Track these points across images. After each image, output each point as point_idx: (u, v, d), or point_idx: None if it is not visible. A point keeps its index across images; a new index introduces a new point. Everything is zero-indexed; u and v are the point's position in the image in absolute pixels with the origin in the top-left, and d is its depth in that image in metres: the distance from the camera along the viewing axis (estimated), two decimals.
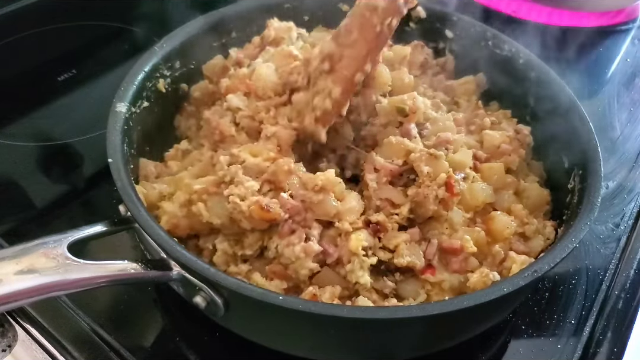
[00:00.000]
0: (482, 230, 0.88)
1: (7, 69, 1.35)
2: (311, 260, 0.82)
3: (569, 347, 0.91)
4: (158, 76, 1.02)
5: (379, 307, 0.80)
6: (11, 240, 0.98)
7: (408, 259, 0.84)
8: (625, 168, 1.23)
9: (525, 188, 0.96)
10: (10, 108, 1.25)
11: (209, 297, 0.75)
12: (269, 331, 0.82)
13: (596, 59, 1.54)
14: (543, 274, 0.75)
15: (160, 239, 0.75)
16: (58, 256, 0.68)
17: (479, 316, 0.83)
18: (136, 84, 0.96)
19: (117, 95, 0.93)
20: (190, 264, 0.73)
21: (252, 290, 0.71)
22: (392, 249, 0.85)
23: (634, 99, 1.42)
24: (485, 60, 1.13)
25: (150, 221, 0.77)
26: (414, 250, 0.85)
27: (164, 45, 1.04)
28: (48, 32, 1.44)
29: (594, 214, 0.83)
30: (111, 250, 0.96)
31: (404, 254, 0.84)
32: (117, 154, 0.85)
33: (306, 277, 0.83)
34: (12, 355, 0.85)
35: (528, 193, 0.95)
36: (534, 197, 0.95)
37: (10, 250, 0.67)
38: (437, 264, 0.86)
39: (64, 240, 0.70)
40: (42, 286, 0.65)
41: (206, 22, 1.10)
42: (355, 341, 0.80)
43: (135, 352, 0.85)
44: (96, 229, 0.77)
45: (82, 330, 0.87)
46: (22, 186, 1.10)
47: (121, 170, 0.82)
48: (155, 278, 0.77)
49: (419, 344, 0.84)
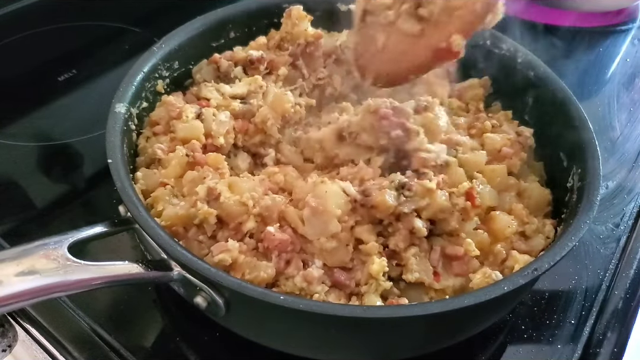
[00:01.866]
0: (485, 232, 0.88)
1: (7, 69, 1.35)
2: (318, 285, 0.80)
3: (569, 347, 0.91)
4: (157, 77, 1.02)
5: (380, 307, 0.80)
6: (12, 240, 0.98)
7: (417, 275, 0.82)
8: (625, 168, 1.23)
9: (526, 188, 0.96)
10: (10, 108, 1.25)
11: (210, 297, 0.75)
12: (270, 331, 0.82)
13: (596, 59, 1.54)
14: (543, 272, 0.75)
15: (161, 239, 0.75)
16: (59, 257, 0.68)
17: (480, 315, 0.83)
18: (135, 85, 0.96)
19: (116, 95, 0.93)
20: (191, 264, 0.73)
21: (253, 290, 0.71)
22: (401, 263, 0.84)
23: (633, 99, 1.42)
24: (484, 60, 1.13)
25: (150, 222, 0.77)
26: (423, 266, 0.83)
27: (163, 46, 1.04)
28: (48, 32, 1.44)
29: (593, 212, 0.83)
30: (111, 251, 0.96)
31: (413, 269, 0.82)
32: (117, 154, 0.85)
33: (321, 295, 0.81)
34: (12, 355, 0.85)
35: (529, 193, 0.95)
36: (536, 197, 0.95)
37: (11, 252, 0.67)
38: (441, 270, 0.85)
39: (64, 241, 0.70)
40: (43, 287, 0.65)
41: (205, 22, 1.10)
42: (356, 340, 0.80)
43: (135, 352, 0.85)
44: (96, 230, 0.77)
45: (82, 330, 0.87)
46: (22, 186, 1.10)
47: (121, 170, 0.82)
48: (155, 278, 0.77)
49: (420, 343, 0.84)
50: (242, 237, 0.83)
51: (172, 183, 0.89)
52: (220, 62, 1.07)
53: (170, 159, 0.91)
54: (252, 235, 0.84)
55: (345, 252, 0.83)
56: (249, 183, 0.87)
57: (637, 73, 1.49)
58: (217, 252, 0.79)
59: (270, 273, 0.80)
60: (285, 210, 0.84)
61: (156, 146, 0.93)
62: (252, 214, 0.83)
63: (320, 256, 0.82)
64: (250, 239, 0.83)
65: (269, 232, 0.81)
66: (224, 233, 0.84)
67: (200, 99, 1.03)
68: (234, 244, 0.80)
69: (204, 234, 0.84)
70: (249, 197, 0.84)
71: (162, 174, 0.90)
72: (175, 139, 0.94)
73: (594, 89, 1.43)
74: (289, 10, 1.09)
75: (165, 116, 0.98)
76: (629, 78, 1.48)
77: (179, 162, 0.90)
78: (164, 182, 0.89)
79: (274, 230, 0.81)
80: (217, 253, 0.79)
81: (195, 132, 0.93)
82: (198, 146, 0.92)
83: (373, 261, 0.80)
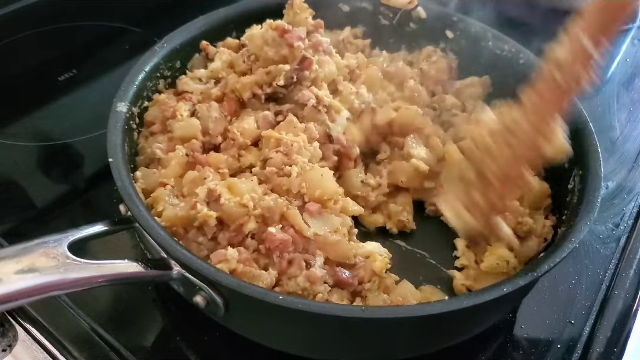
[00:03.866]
0: None
1: (7, 69, 1.35)
2: (320, 285, 0.81)
3: (569, 347, 0.90)
4: (159, 76, 1.02)
5: (380, 307, 0.80)
6: (12, 240, 0.98)
7: None
8: (625, 168, 1.23)
9: None
10: (10, 108, 1.25)
11: (209, 296, 0.75)
12: (269, 330, 0.82)
13: None
14: (543, 274, 0.76)
15: (161, 238, 0.75)
16: (58, 255, 0.68)
17: (480, 315, 0.83)
18: (137, 84, 0.96)
19: (117, 94, 0.93)
20: (191, 263, 0.73)
21: (252, 290, 0.71)
22: None
23: (633, 99, 1.42)
24: (486, 60, 1.13)
25: (150, 221, 0.77)
26: None
27: (165, 45, 1.04)
28: (48, 32, 1.44)
29: (593, 214, 0.83)
30: (111, 249, 0.95)
31: None
32: (118, 153, 0.85)
33: (324, 295, 0.82)
34: (12, 355, 0.85)
35: (529, 187, 0.95)
36: (535, 191, 0.96)
37: (11, 250, 0.67)
38: None
39: (64, 240, 0.70)
40: (43, 285, 0.65)
41: (206, 22, 1.11)
42: (355, 341, 0.80)
43: (135, 352, 0.85)
44: (96, 229, 0.77)
45: (82, 329, 0.87)
46: (23, 186, 1.10)
47: (121, 169, 0.83)
48: (155, 277, 0.77)
49: (420, 343, 0.84)
50: (243, 238, 0.83)
51: (172, 183, 0.89)
52: (208, 49, 1.08)
53: (170, 159, 0.91)
54: (254, 236, 0.84)
55: (347, 247, 0.83)
56: (249, 184, 0.87)
57: (637, 73, 1.49)
58: (216, 261, 0.79)
59: (269, 282, 0.80)
60: (286, 212, 0.84)
61: (155, 146, 0.93)
62: (253, 215, 0.83)
63: (323, 250, 0.82)
64: (252, 239, 0.84)
65: (270, 233, 0.81)
66: (225, 235, 0.84)
67: (180, 93, 1.03)
68: (232, 253, 0.80)
69: (204, 235, 0.84)
70: (249, 198, 0.84)
71: (162, 174, 0.90)
72: (174, 139, 0.95)
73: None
74: (292, 1, 1.10)
75: (160, 115, 0.98)
76: (629, 78, 1.48)
77: (179, 162, 0.90)
78: (164, 182, 0.89)
79: (275, 231, 0.82)
80: (215, 262, 0.79)
81: (192, 131, 0.94)
82: (198, 146, 0.92)
83: (375, 258, 0.80)
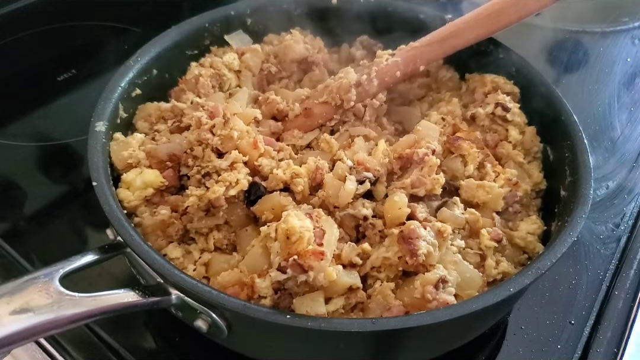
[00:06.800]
0: None
1: (7, 69, 1.35)
2: None
3: (569, 347, 0.90)
4: (134, 87, 1.00)
5: (389, 319, 0.76)
6: (11, 240, 0.98)
7: None
8: (625, 168, 1.23)
9: None
10: (10, 108, 1.26)
11: (211, 319, 0.73)
12: (271, 347, 0.81)
13: (596, 59, 1.53)
14: (546, 270, 0.75)
15: (157, 263, 0.73)
16: (51, 291, 0.65)
17: (484, 317, 0.83)
18: (113, 101, 0.94)
19: (95, 114, 0.90)
20: (192, 288, 0.71)
21: (258, 311, 0.69)
22: None
23: (634, 99, 1.42)
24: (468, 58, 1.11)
25: (144, 246, 0.75)
26: None
27: (139, 59, 1.01)
28: (48, 32, 1.44)
29: (587, 205, 0.83)
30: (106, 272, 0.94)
31: None
32: (101, 176, 0.82)
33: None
34: (12, 355, 0.85)
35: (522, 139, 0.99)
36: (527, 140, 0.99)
37: (2, 289, 0.64)
38: None
39: (55, 274, 0.67)
40: (38, 325, 0.63)
41: (179, 32, 1.08)
42: (365, 353, 0.78)
43: (135, 352, 0.85)
44: (87, 259, 0.74)
45: (81, 330, 0.87)
46: (22, 186, 1.10)
47: (107, 193, 0.80)
48: (154, 304, 0.73)
49: (431, 348, 0.83)
50: None
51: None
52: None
53: None
54: None
55: None
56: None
57: (637, 73, 1.49)
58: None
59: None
60: None
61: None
62: None
63: None
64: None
65: None
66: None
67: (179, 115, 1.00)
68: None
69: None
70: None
71: None
72: None
73: (594, 88, 1.43)
74: None
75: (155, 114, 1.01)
76: (629, 78, 1.48)
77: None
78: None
79: None
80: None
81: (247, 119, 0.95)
82: None
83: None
